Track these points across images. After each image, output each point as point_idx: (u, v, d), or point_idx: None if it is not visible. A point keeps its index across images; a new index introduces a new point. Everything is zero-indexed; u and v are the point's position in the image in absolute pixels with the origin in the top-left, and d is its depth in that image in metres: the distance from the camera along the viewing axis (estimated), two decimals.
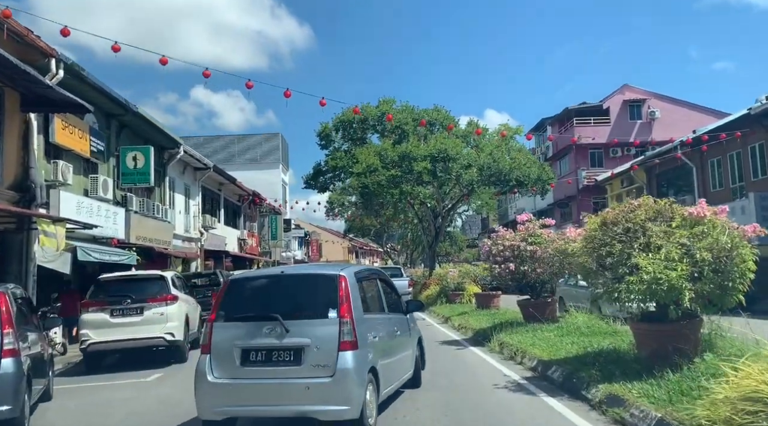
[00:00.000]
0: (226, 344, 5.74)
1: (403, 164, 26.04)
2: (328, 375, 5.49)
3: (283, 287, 6.28)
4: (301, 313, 5.84)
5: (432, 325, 18.25)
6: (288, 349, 5.63)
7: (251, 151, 51.42)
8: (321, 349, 5.57)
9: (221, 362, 5.72)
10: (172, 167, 24.75)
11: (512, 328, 12.07)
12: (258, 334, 5.68)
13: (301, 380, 5.51)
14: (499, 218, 57.34)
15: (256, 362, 5.67)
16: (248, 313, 5.92)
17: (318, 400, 5.47)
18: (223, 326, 5.88)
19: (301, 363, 5.57)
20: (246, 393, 5.62)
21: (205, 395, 5.74)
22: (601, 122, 40.13)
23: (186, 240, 26.48)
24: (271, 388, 5.60)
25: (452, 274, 20.35)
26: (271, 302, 5.98)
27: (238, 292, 6.28)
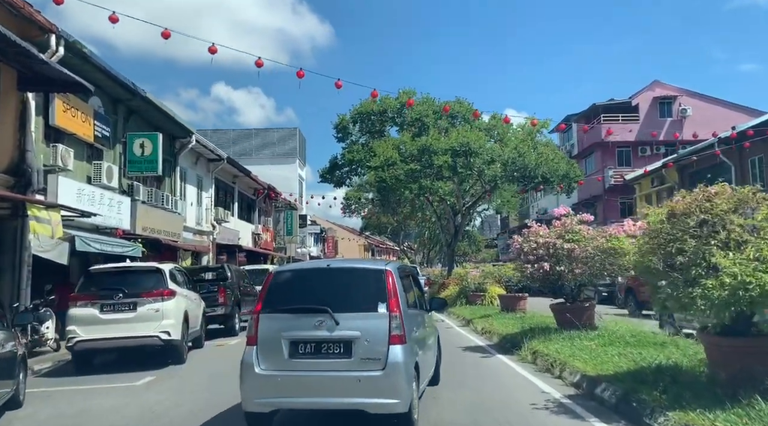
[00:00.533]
0: (274, 336, 5.66)
1: (423, 158, 24.75)
2: (379, 368, 5.46)
3: (329, 280, 6.20)
4: (350, 306, 5.74)
5: (452, 327, 16.99)
6: (338, 342, 5.58)
7: (268, 146, 50.44)
8: (371, 343, 5.53)
9: (268, 354, 5.65)
10: (183, 157, 23.76)
11: (545, 335, 10.76)
12: (307, 326, 5.62)
13: (351, 373, 5.49)
14: (520, 218, 55.78)
15: (305, 354, 5.60)
16: (296, 305, 5.79)
17: (369, 393, 5.43)
18: (270, 318, 5.77)
19: (351, 356, 5.53)
20: (295, 385, 5.56)
21: (252, 387, 5.65)
22: (629, 119, 38.49)
23: (197, 233, 25.49)
24: (320, 380, 5.54)
25: (474, 274, 18.98)
26: (318, 295, 5.87)
27: (284, 283, 6.13)
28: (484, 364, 10.15)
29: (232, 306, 15.63)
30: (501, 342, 12.33)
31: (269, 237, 37.65)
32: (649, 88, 38.57)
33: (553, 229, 11.42)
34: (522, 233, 11.93)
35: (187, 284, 12.42)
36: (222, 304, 15.12)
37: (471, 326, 16.19)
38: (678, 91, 38.52)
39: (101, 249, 15.37)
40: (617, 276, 10.95)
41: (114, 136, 18.28)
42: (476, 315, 17.71)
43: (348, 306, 5.74)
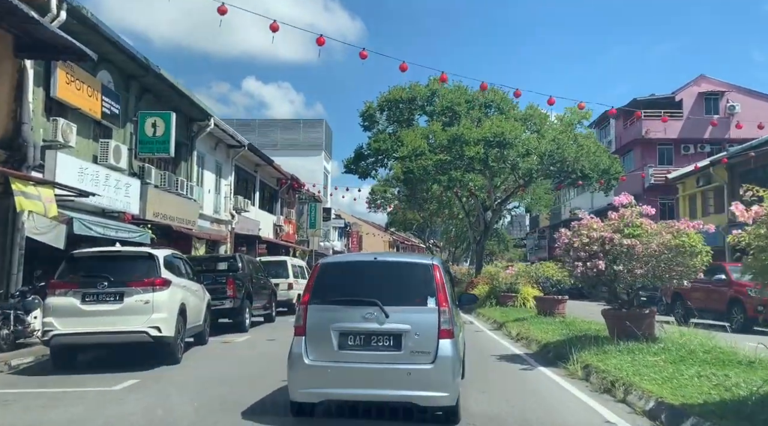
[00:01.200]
0: (323, 327, 5.65)
1: (453, 148, 23.07)
2: (429, 362, 5.48)
3: (377, 273, 6.13)
4: (398, 300, 5.72)
5: (482, 330, 15.34)
6: (388, 335, 5.59)
7: (294, 138, 49.21)
8: (421, 336, 5.54)
9: (317, 345, 5.64)
10: (201, 141, 22.50)
11: (597, 346, 9.07)
12: (356, 318, 5.63)
13: (401, 366, 5.50)
14: (552, 217, 53.64)
15: (354, 346, 5.61)
16: (345, 297, 5.75)
17: (418, 385, 5.45)
18: (319, 309, 5.74)
19: (401, 349, 5.55)
20: (344, 376, 5.55)
21: (301, 378, 5.63)
22: (672, 116, 36.17)
23: (215, 222, 24.23)
24: (370, 372, 5.53)
25: (509, 273, 17.18)
26: (366, 287, 5.85)
27: (331, 276, 6.06)
28: (526, 379, 8.50)
29: (243, 299, 14.22)
30: (541, 351, 10.65)
31: (291, 229, 36.35)
32: (694, 83, 36.23)
33: (609, 221, 9.71)
34: (570, 226, 10.23)
35: (188, 274, 11.02)
36: (231, 298, 13.72)
37: (504, 330, 14.52)
38: (726, 86, 36.12)
39: (104, 233, 14.09)
40: (685, 279, 9.18)
41: (125, 115, 17.04)
42: (509, 318, 16.03)
43: (397, 299, 5.72)
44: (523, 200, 34.95)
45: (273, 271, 20.12)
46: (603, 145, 24.74)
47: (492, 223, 28.29)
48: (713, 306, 17.08)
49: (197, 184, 22.41)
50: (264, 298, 16.58)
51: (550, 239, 54.59)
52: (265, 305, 16.74)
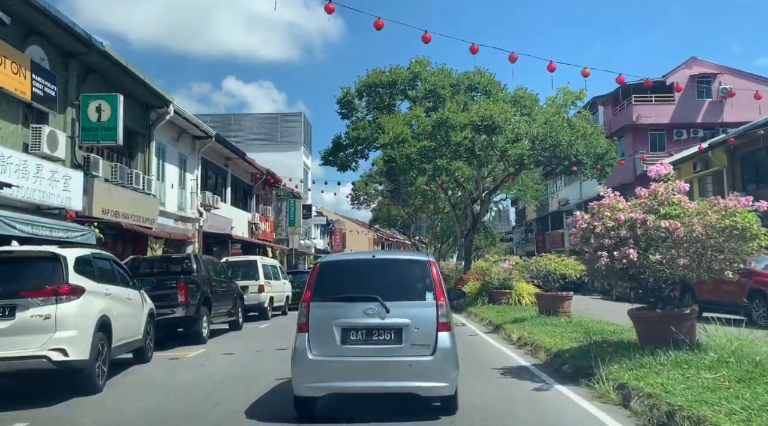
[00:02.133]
0: (325, 323, 5.75)
1: (438, 134, 21.09)
2: (429, 354, 5.66)
3: (376, 270, 6.32)
4: (398, 295, 5.86)
5: (476, 334, 13.35)
6: (389, 329, 5.73)
7: (271, 132, 46.93)
8: (420, 330, 5.71)
9: (320, 340, 5.75)
10: (161, 131, 20.28)
11: (627, 356, 7.12)
12: (358, 313, 5.75)
13: (402, 358, 5.66)
14: (539, 210, 51.95)
15: (357, 341, 5.74)
16: (346, 294, 5.88)
17: (419, 377, 5.63)
18: (320, 306, 5.84)
19: (402, 342, 5.70)
20: (347, 370, 5.68)
21: (305, 372, 5.72)
22: (663, 100, 34.55)
23: (180, 220, 22.02)
24: (372, 365, 5.70)
25: (504, 267, 15.07)
26: (366, 284, 5.99)
27: (331, 273, 6.16)
28: (544, 405, 6.49)
29: (198, 306, 12.10)
30: (553, 362, 8.68)
31: (269, 227, 34.16)
32: (685, 66, 34.60)
33: (636, 200, 7.77)
34: (588, 208, 8.27)
35: (118, 278, 8.89)
36: (182, 304, 11.59)
37: (502, 334, 12.54)
38: (718, 69, 34.52)
39: (33, 233, 11.84)
40: (732, 269, 7.24)
41: (64, 98, 14.82)
42: (506, 318, 14.08)
43: (396, 295, 5.86)
44: (510, 191, 33.08)
45: (241, 273, 18.03)
46: (599, 127, 22.91)
47: (480, 216, 26.37)
48: (729, 299, 15.23)
49: (157, 178, 20.20)
50: (228, 304, 14.47)
51: (537, 232, 52.92)
52: (229, 311, 14.63)
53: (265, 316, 18.17)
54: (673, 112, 34.28)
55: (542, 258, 12.97)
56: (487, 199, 25.31)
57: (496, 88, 23.31)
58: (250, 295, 17.65)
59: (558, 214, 47.79)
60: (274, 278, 19.21)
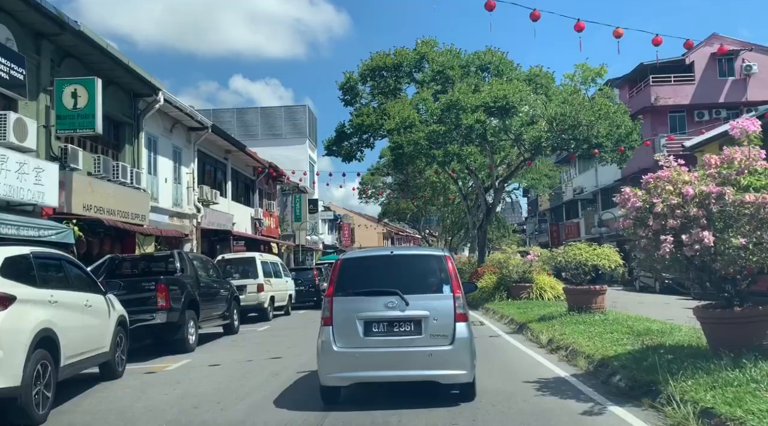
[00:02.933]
0: (349, 316, 5.98)
1: (449, 118, 19.48)
2: (448, 343, 5.88)
3: (394, 265, 6.48)
4: (416, 289, 6.09)
5: (498, 335, 11.76)
6: (409, 321, 5.94)
7: (275, 125, 45.43)
8: (439, 321, 5.92)
9: (344, 333, 5.96)
10: (151, 121, 18.83)
11: (700, 368, 5.55)
12: (379, 307, 5.97)
13: (422, 348, 5.86)
14: (553, 199, 50.16)
15: (378, 332, 5.94)
16: (368, 288, 6.12)
17: (439, 365, 5.85)
18: (343, 300, 6.08)
19: (422, 333, 5.91)
20: (370, 360, 5.91)
21: (330, 364, 5.93)
22: (683, 80, 32.69)
23: (176, 216, 20.58)
24: (394, 355, 5.89)
25: (529, 258, 13.35)
26: (385, 278, 6.19)
27: (352, 269, 6.43)
28: None
29: (183, 310, 10.61)
30: (597, 372, 7.10)
31: (273, 223, 32.71)
32: (706, 43, 32.63)
33: (704, 170, 6.17)
34: (642, 183, 6.69)
35: (71, 281, 7.39)
36: (162, 309, 10.09)
37: (528, 335, 10.95)
38: (740, 45, 32.56)
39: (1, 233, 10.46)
40: None
41: (36, 83, 13.38)
42: (530, 315, 12.50)
43: (415, 288, 6.09)
44: (524, 179, 31.37)
45: (239, 271, 16.57)
46: (624, 105, 21.14)
47: (494, 205, 24.71)
48: None
49: (149, 171, 18.77)
50: (221, 306, 13.00)
51: (552, 223, 51.14)
52: (223, 314, 13.15)
53: (265, 317, 16.70)
54: (693, 93, 32.40)
55: (571, 248, 11.35)
56: (500, 187, 23.66)
57: (508, 67, 21.64)
58: (249, 295, 16.19)
59: (573, 203, 46.02)
60: (275, 276, 17.73)
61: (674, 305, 15.57)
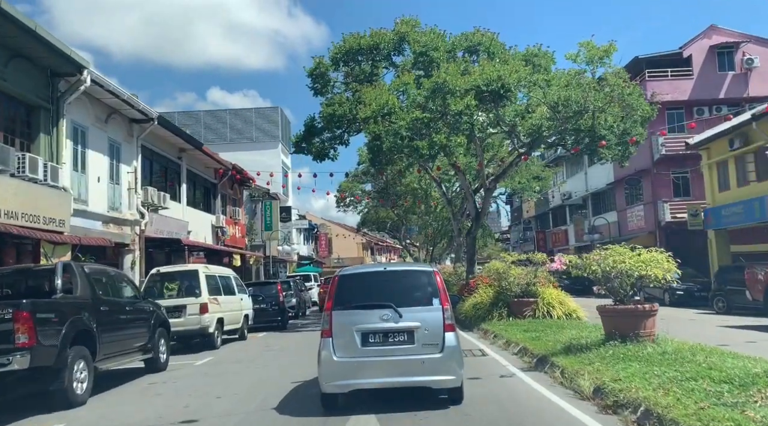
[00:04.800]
0: (347, 328, 6.35)
1: (434, 104, 16.40)
2: (438, 351, 6.29)
3: (388, 280, 6.89)
4: (408, 302, 6.46)
5: (512, 373, 8.41)
6: (402, 331, 6.34)
7: (246, 129, 42.06)
8: (429, 331, 6.32)
9: (343, 344, 6.33)
10: (78, 108, 15.44)
11: None
12: (375, 319, 6.36)
13: (415, 356, 6.27)
14: (538, 206, 47.37)
15: (375, 343, 6.34)
16: (364, 302, 6.48)
17: (431, 372, 6.25)
18: (341, 314, 6.43)
19: (415, 342, 6.32)
20: (368, 368, 6.28)
21: (330, 372, 6.30)
22: (681, 75, 30.12)
23: (112, 222, 17.10)
24: (390, 363, 6.29)
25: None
26: (380, 293, 6.55)
27: (349, 284, 6.75)
28: None
29: (62, 348, 7.21)
30: None
31: (239, 232, 29.24)
32: (704, 36, 30.17)
33: None
34: None
35: None
36: (24, 348, 6.70)
37: (554, 374, 7.68)
38: (740, 37, 30.12)
39: None
40: None
41: None
42: (547, 343, 9.32)
43: (407, 301, 6.46)
44: (513, 181, 28.38)
45: (177, 288, 13.17)
46: (639, 87, 18.24)
47: (485, 208, 21.58)
48: None
49: (74, 168, 15.33)
50: (138, 335, 9.60)
51: (537, 230, 48.33)
52: (144, 346, 9.76)
53: (211, 345, 13.30)
54: (692, 88, 29.82)
55: (610, 253, 8.19)
56: (491, 187, 20.57)
57: (500, 50, 18.64)
58: (189, 317, 12.81)
59: (561, 210, 43.28)
60: (225, 293, 14.35)
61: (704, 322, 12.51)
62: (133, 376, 9.85)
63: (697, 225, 26.46)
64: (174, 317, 12.80)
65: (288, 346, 13.54)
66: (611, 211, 34.99)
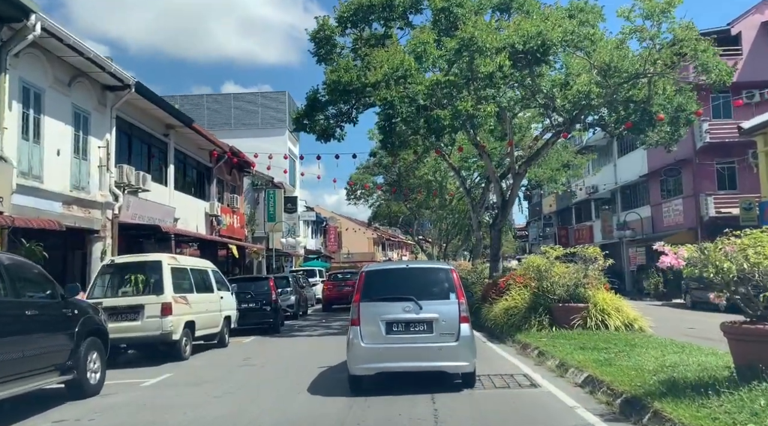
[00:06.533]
0: (373, 318, 7.04)
1: (460, 66, 13.43)
2: (454, 340, 6.95)
3: (409, 276, 7.61)
4: (428, 296, 7.14)
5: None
6: (422, 322, 7.00)
7: (251, 114, 39.29)
8: (446, 322, 7.00)
9: (369, 331, 7.03)
10: (31, 64, 12.65)
11: None
12: (398, 310, 7.03)
13: (433, 344, 6.94)
14: (559, 201, 44.18)
15: (398, 331, 7.03)
16: (388, 295, 7.19)
17: (447, 358, 6.94)
18: (368, 305, 7.14)
19: (433, 331, 6.98)
20: (391, 354, 6.97)
21: (358, 356, 7.01)
22: (728, 54, 26.72)
23: (76, 204, 14.32)
24: (411, 349, 6.97)
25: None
26: (402, 287, 7.28)
27: (375, 279, 7.47)
28: None
29: None
30: None
31: (237, 221, 26.43)
32: (756, 11, 26.88)
33: None
34: None
35: None
36: None
37: None
38: None
39: None
40: None
41: None
42: (636, 376, 6.34)
43: (426, 295, 7.15)
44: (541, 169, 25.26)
45: (134, 283, 10.32)
46: (713, 45, 14.98)
47: (513, 196, 18.47)
48: None
49: (23, 135, 12.51)
50: (50, 349, 6.75)
51: (559, 226, 45.14)
52: (62, 364, 6.92)
53: (177, 355, 10.43)
54: (741, 69, 26.48)
55: (750, 241, 5.15)
56: (521, 171, 17.49)
57: (536, 8, 15.57)
58: (147, 320, 9.95)
59: (585, 204, 40.03)
60: (198, 290, 11.47)
61: None
62: (45, 405, 7.01)
63: (750, 220, 23.20)
64: (128, 320, 9.99)
65: (273, 359, 10.63)
66: (644, 206, 31.80)
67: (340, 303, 23.32)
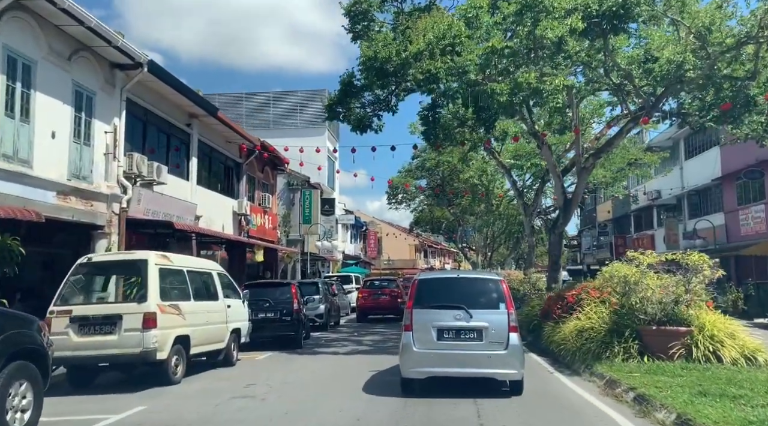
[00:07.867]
0: (425, 324, 7.37)
1: (521, 31, 10.94)
2: (503, 349, 7.21)
3: (460, 286, 7.91)
4: (478, 305, 7.42)
5: None
6: (473, 330, 7.31)
7: (290, 113, 37.58)
8: (496, 331, 7.26)
9: (421, 337, 7.34)
10: (19, 29, 10.83)
11: None
12: (449, 318, 7.34)
13: (483, 352, 7.25)
14: (616, 208, 40.72)
15: (449, 338, 7.32)
16: (440, 303, 7.47)
17: (496, 365, 7.21)
18: (420, 312, 7.44)
19: (483, 340, 7.28)
20: (442, 359, 7.27)
21: (411, 361, 7.34)
22: None
23: (74, 194, 12.43)
24: (461, 356, 7.27)
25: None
26: (454, 296, 7.55)
27: (427, 287, 7.79)
28: None
29: None
30: None
31: (269, 222, 24.46)
32: None
33: None
34: None
35: None
36: None
37: None
38: None
39: None
40: None
41: None
42: None
43: (476, 304, 7.43)
44: (603, 168, 22.33)
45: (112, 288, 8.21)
46: None
47: (578, 194, 15.68)
48: None
49: (8, 111, 10.69)
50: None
51: (616, 235, 41.60)
52: None
53: (164, 379, 8.24)
54: None
55: None
56: (588, 166, 14.77)
57: None
58: (125, 334, 7.81)
59: (645, 211, 36.50)
60: (198, 297, 9.29)
61: None
62: None
63: None
64: (102, 334, 7.88)
65: (280, 388, 8.28)
66: (716, 213, 28.30)
67: (376, 313, 21.04)
